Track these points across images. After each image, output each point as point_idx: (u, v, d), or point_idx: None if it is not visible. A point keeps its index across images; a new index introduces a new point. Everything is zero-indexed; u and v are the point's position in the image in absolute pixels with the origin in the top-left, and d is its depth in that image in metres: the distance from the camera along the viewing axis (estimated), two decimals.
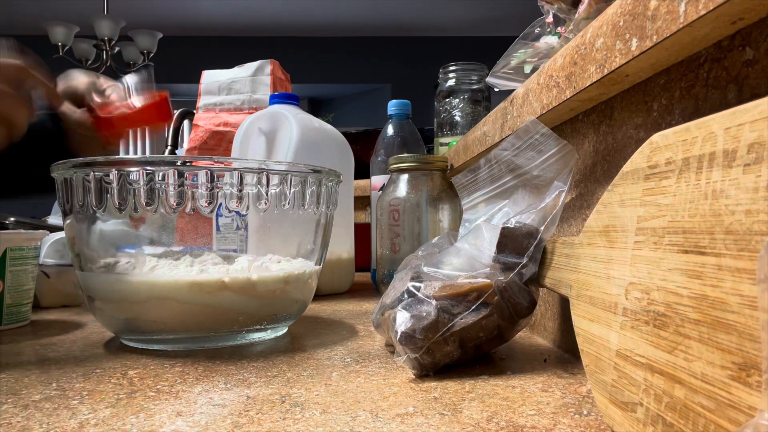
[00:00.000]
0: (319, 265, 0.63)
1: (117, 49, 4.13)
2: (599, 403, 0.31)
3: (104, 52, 4.06)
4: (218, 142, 1.06)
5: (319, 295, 0.91)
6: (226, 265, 0.55)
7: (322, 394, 0.38)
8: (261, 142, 0.90)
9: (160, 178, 0.50)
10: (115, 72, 4.21)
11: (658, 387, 0.26)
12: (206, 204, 0.52)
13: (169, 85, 5.54)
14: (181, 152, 1.34)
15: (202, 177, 0.51)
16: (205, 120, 1.07)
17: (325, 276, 0.90)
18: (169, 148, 1.22)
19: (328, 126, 0.94)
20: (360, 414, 0.34)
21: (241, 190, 0.53)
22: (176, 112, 1.23)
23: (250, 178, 0.53)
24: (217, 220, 0.72)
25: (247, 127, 0.91)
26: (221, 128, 1.06)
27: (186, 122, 1.25)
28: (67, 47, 4.05)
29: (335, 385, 0.41)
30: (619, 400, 0.29)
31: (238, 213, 0.53)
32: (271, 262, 0.58)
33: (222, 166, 0.52)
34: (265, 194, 0.54)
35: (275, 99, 0.94)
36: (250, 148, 0.91)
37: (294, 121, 0.87)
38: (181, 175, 0.51)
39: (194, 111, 1.12)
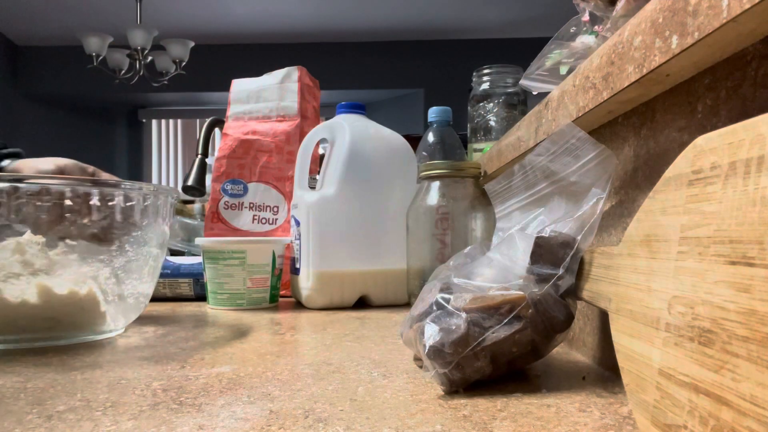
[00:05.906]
0: None
1: (150, 58, 4.23)
2: (640, 425, 0.30)
3: (137, 62, 4.17)
4: (246, 151, 1.06)
5: (373, 307, 0.91)
6: None
7: (347, 409, 0.37)
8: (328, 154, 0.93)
9: None
10: (148, 81, 4.33)
11: (703, 408, 0.24)
12: None
13: (201, 94, 5.62)
14: (211, 160, 1.36)
15: None
16: (234, 129, 1.08)
17: (378, 288, 0.90)
18: (199, 156, 1.23)
19: (387, 131, 0.95)
20: (385, 431, 0.33)
21: None
22: (207, 121, 1.24)
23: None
24: None
25: (308, 139, 0.94)
26: (249, 137, 1.06)
27: (217, 130, 1.26)
28: (101, 57, 4.18)
29: (360, 400, 0.39)
30: (661, 422, 0.27)
31: None
32: None
33: None
34: None
35: (341, 109, 0.96)
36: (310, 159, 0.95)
37: (348, 130, 0.89)
38: None
39: (224, 119, 1.13)
